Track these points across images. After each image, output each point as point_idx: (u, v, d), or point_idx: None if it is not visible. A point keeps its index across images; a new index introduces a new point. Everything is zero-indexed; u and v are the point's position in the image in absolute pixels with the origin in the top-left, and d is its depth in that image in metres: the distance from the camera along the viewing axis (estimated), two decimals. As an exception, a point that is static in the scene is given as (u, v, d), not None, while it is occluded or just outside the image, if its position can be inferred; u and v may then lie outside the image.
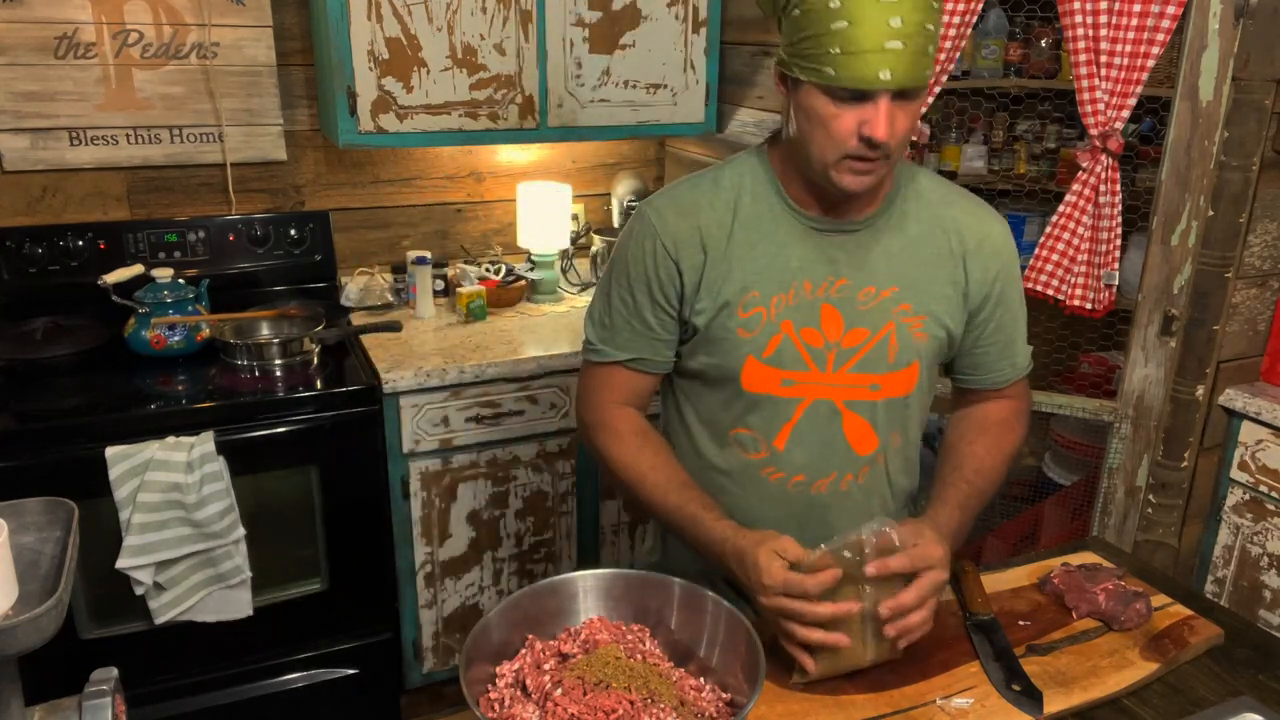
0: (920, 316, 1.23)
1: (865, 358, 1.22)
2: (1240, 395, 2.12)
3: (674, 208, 1.24)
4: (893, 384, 1.24)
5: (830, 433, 1.25)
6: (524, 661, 1.02)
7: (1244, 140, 1.92)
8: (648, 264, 1.23)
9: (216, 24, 2.27)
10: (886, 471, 1.31)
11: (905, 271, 1.23)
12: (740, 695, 0.98)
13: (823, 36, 1.04)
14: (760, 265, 1.21)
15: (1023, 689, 1.07)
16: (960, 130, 2.69)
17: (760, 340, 1.21)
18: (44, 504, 0.91)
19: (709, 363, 1.24)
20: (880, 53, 1.02)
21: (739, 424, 1.26)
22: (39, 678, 0.98)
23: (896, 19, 1.01)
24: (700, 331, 1.24)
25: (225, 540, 1.91)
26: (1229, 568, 2.22)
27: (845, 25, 1.02)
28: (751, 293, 1.21)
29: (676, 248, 1.22)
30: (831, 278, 1.21)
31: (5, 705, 0.83)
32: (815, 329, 1.21)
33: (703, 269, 1.22)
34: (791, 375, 1.22)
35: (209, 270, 2.34)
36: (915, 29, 1.02)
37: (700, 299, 1.22)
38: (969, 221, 1.26)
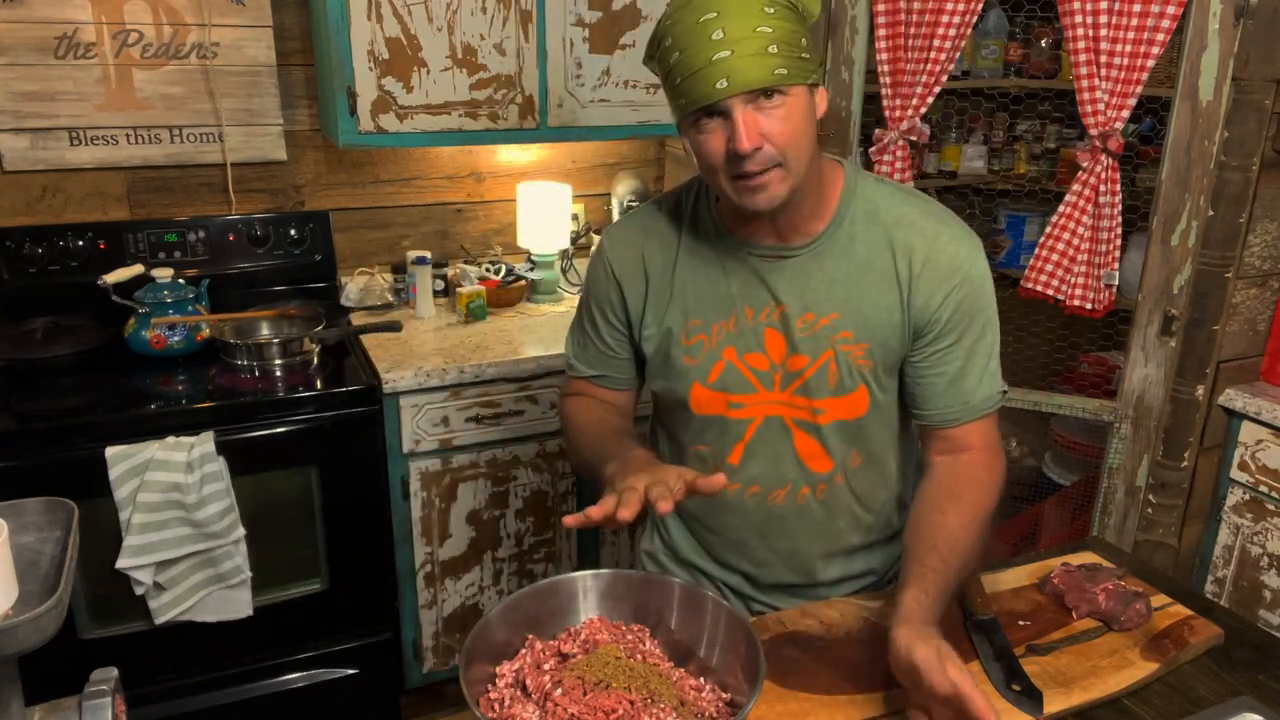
0: (862, 344, 1.20)
1: (807, 383, 1.22)
2: (1240, 395, 2.12)
3: (623, 237, 1.30)
4: (837, 408, 1.22)
5: (782, 448, 1.26)
6: (524, 661, 1.02)
7: (1244, 140, 1.92)
8: (601, 288, 1.31)
9: (216, 24, 2.27)
10: (850, 490, 1.28)
11: (846, 297, 1.19)
12: (740, 695, 0.98)
13: (670, 74, 1.09)
14: (702, 292, 1.24)
15: (1023, 689, 1.07)
16: (960, 130, 2.69)
17: (704, 367, 1.24)
18: (44, 504, 0.91)
19: (663, 386, 1.30)
20: (710, 65, 1.04)
21: (696, 441, 1.30)
22: (39, 678, 0.98)
23: (718, 32, 1.04)
24: (650, 357, 1.29)
25: (225, 540, 1.91)
26: (1229, 568, 2.22)
27: (679, 55, 1.06)
28: (694, 320, 1.24)
29: (621, 275, 1.28)
30: (771, 304, 1.21)
31: (5, 705, 0.83)
32: (760, 353, 1.22)
33: (645, 297, 1.27)
34: (739, 398, 1.24)
35: (209, 270, 2.34)
36: (743, 33, 1.03)
37: (646, 325, 1.27)
38: (923, 245, 1.18)
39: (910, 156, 2.18)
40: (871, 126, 2.19)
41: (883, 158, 2.17)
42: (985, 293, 1.22)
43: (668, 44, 1.08)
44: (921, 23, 2.03)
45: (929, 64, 2.05)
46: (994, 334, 1.25)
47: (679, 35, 1.06)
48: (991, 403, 1.26)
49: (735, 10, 1.04)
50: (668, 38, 1.08)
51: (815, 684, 1.09)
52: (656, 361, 1.29)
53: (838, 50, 2.12)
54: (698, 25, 1.04)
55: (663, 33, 1.09)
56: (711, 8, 1.04)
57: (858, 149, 2.21)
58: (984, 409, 1.25)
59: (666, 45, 1.08)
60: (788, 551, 1.32)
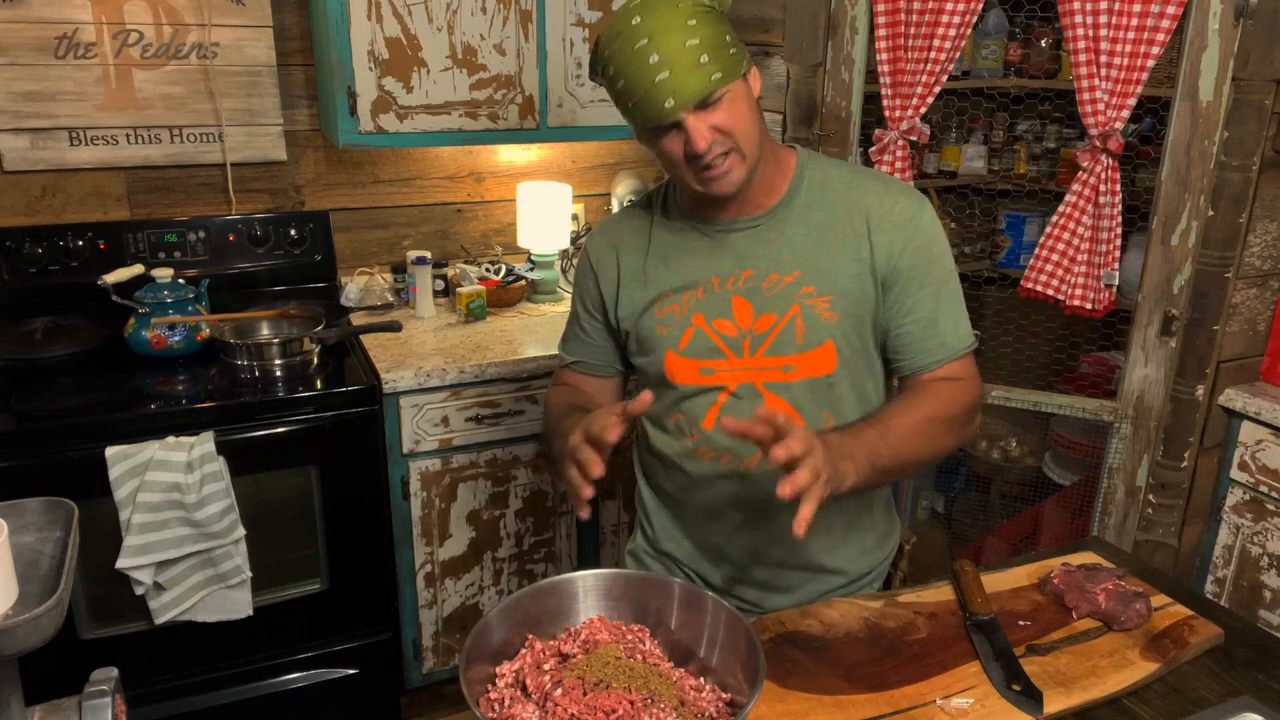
0: (825, 297, 1.28)
1: (775, 340, 1.29)
2: (1240, 395, 2.12)
3: (602, 231, 1.44)
4: (807, 364, 1.29)
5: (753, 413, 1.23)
6: (524, 661, 1.02)
7: (1244, 140, 1.92)
8: (581, 280, 1.44)
9: (216, 24, 2.28)
10: None
11: (808, 256, 1.29)
12: (740, 695, 0.98)
13: (619, 98, 1.20)
14: (673, 270, 1.34)
15: (1023, 689, 1.07)
16: (960, 130, 2.69)
17: (675, 334, 1.32)
18: (44, 504, 0.91)
19: (642, 361, 1.38)
20: (654, 88, 1.15)
21: (675, 411, 1.36)
22: (39, 678, 0.99)
23: (653, 56, 1.14)
24: (629, 335, 1.38)
25: (225, 540, 1.91)
26: (1229, 568, 2.22)
27: (624, 82, 1.17)
28: (665, 292, 1.34)
29: (598, 263, 1.41)
30: (738, 270, 1.30)
31: (5, 705, 0.83)
32: (728, 319, 1.30)
33: (618, 282, 1.38)
34: (709, 364, 1.31)
35: (209, 270, 2.34)
36: (676, 51, 1.13)
37: (621, 306, 1.38)
38: (874, 201, 1.30)
39: (910, 156, 2.18)
40: (871, 126, 2.19)
41: (883, 158, 2.17)
42: (940, 243, 1.31)
43: (610, 72, 1.19)
44: (921, 23, 2.03)
45: (929, 64, 2.05)
46: (957, 284, 1.33)
47: (620, 64, 1.16)
48: (966, 343, 1.33)
49: (662, 32, 1.14)
50: (610, 66, 1.18)
51: (815, 684, 1.09)
52: (634, 339, 1.37)
53: (838, 50, 2.12)
54: (634, 52, 1.14)
55: (604, 62, 1.19)
56: (642, 34, 1.14)
57: (858, 149, 2.21)
58: (960, 349, 1.32)
59: (610, 74, 1.19)
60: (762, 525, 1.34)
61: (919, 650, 1.16)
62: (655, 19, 1.14)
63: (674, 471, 1.40)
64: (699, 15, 1.16)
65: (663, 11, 1.15)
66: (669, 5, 1.15)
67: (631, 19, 1.16)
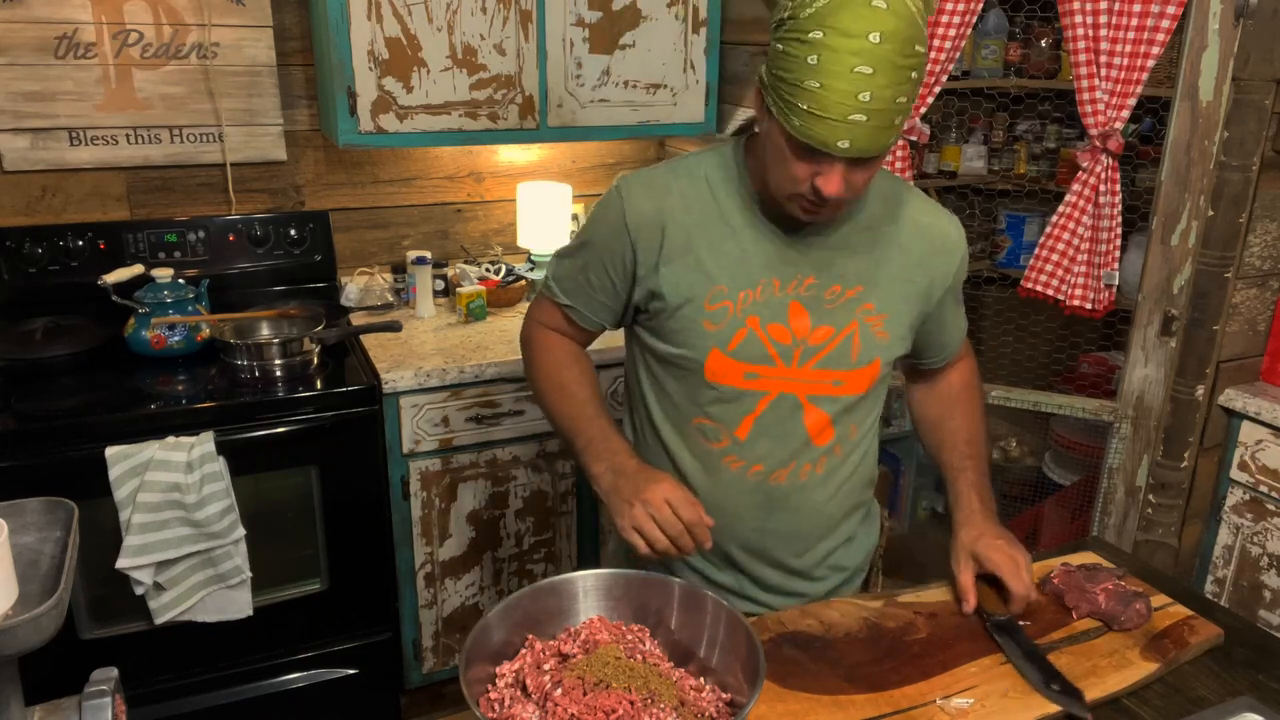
0: (882, 315, 1.27)
1: (830, 355, 1.25)
2: (1240, 395, 2.12)
3: (644, 190, 1.27)
4: (855, 381, 1.28)
5: (791, 425, 1.28)
6: (524, 661, 1.02)
7: (1244, 140, 1.92)
8: (607, 235, 1.28)
9: (216, 24, 2.27)
10: (845, 461, 1.33)
11: (870, 271, 1.26)
12: (740, 695, 0.98)
13: (796, 88, 1.05)
14: (727, 261, 1.24)
15: (1062, 688, 1.08)
16: (960, 130, 2.69)
17: (725, 333, 1.24)
18: (44, 504, 0.91)
19: (674, 352, 1.27)
20: (844, 122, 1.04)
21: (701, 414, 1.29)
22: (39, 678, 0.98)
23: (866, 93, 1.03)
24: (663, 318, 1.26)
25: (225, 540, 1.91)
26: (1229, 568, 2.22)
27: (817, 86, 1.03)
28: (719, 286, 1.23)
29: (637, 228, 1.25)
30: (800, 276, 1.24)
31: (5, 705, 0.83)
32: (783, 325, 1.24)
33: (659, 254, 1.24)
34: (756, 369, 1.25)
35: (209, 270, 2.34)
36: (884, 104, 1.04)
37: (661, 282, 1.25)
38: (930, 222, 1.30)
39: (910, 156, 2.18)
40: (871, 126, 2.18)
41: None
42: (967, 261, 1.38)
43: (812, 63, 1.03)
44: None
45: (929, 64, 2.05)
46: None
47: (826, 63, 1.02)
48: (966, 326, 1.45)
49: (887, 74, 1.02)
50: (816, 54, 1.03)
51: (815, 684, 1.09)
52: (673, 324, 1.26)
53: (838, 50, 2.12)
54: (850, 74, 1.02)
55: (810, 28, 1.03)
56: (868, 60, 1.02)
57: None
58: (966, 329, 1.46)
59: (810, 64, 1.03)
60: (784, 533, 1.33)
61: (919, 650, 1.16)
62: (891, 51, 1.02)
63: (688, 477, 1.32)
64: (918, 65, 1.06)
65: (900, 46, 1.02)
66: (908, 40, 1.03)
67: (871, 30, 1.01)
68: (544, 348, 1.39)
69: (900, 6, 1.03)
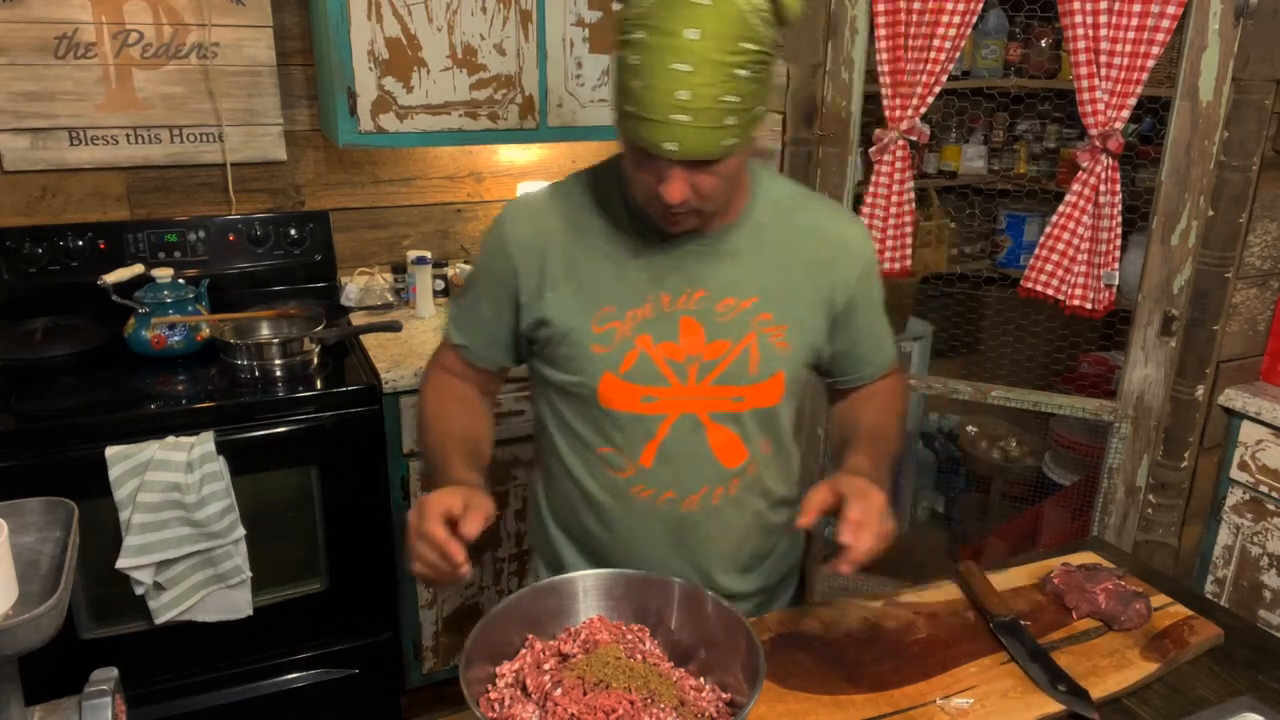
0: (781, 326, 1.21)
1: (727, 370, 1.20)
2: (1240, 395, 2.12)
3: (524, 212, 1.25)
4: (757, 395, 1.22)
5: (696, 447, 1.22)
6: (524, 661, 1.02)
7: (1244, 140, 1.92)
8: (492, 263, 1.25)
9: (216, 24, 2.27)
10: (761, 481, 1.28)
11: (765, 281, 1.21)
12: (740, 695, 0.98)
13: (624, 91, 1.03)
14: (613, 280, 1.19)
15: (1068, 688, 1.08)
16: (960, 130, 2.69)
17: (616, 356, 1.19)
18: (44, 504, 0.91)
19: (567, 380, 1.23)
20: (665, 123, 1.00)
21: (603, 442, 1.24)
22: (39, 678, 0.98)
23: (684, 91, 0.98)
24: (552, 345, 1.22)
25: (225, 540, 1.91)
26: (1229, 568, 2.22)
27: (640, 86, 1.00)
28: (606, 307, 1.19)
29: (518, 251, 1.22)
30: (689, 290, 1.19)
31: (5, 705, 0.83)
32: (674, 342, 1.19)
33: (541, 279, 1.21)
34: (652, 391, 1.20)
35: (209, 270, 2.34)
36: (708, 102, 0.99)
37: (544, 308, 1.21)
38: (828, 227, 1.26)
39: (910, 156, 2.18)
40: (871, 126, 2.19)
41: (883, 158, 2.17)
42: (877, 264, 1.32)
43: (634, 62, 1.01)
44: (921, 23, 2.03)
45: (929, 64, 2.05)
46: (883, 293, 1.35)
47: (646, 62, 0.99)
48: (895, 348, 1.39)
49: (708, 71, 0.98)
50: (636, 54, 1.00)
51: (815, 684, 1.09)
52: (562, 351, 1.22)
53: (838, 50, 2.12)
54: (668, 70, 0.98)
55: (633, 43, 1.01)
56: (686, 59, 0.98)
57: (858, 149, 2.21)
58: (894, 356, 1.39)
59: (633, 64, 1.01)
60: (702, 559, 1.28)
61: (919, 650, 1.16)
62: (711, 48, 0.98)
63: (598, 508, 1.27)
64: (753, 66, 1.01)
65: (722, 42, 0.98)
66: (731, 38, 0.99)
67: (688, 27, 0.98)
68: (431, 388, 1.34)
69: (724, 4, 0.99)
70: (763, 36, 1.01)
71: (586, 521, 1.29)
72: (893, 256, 2.23)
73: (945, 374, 2.73)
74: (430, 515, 1.04)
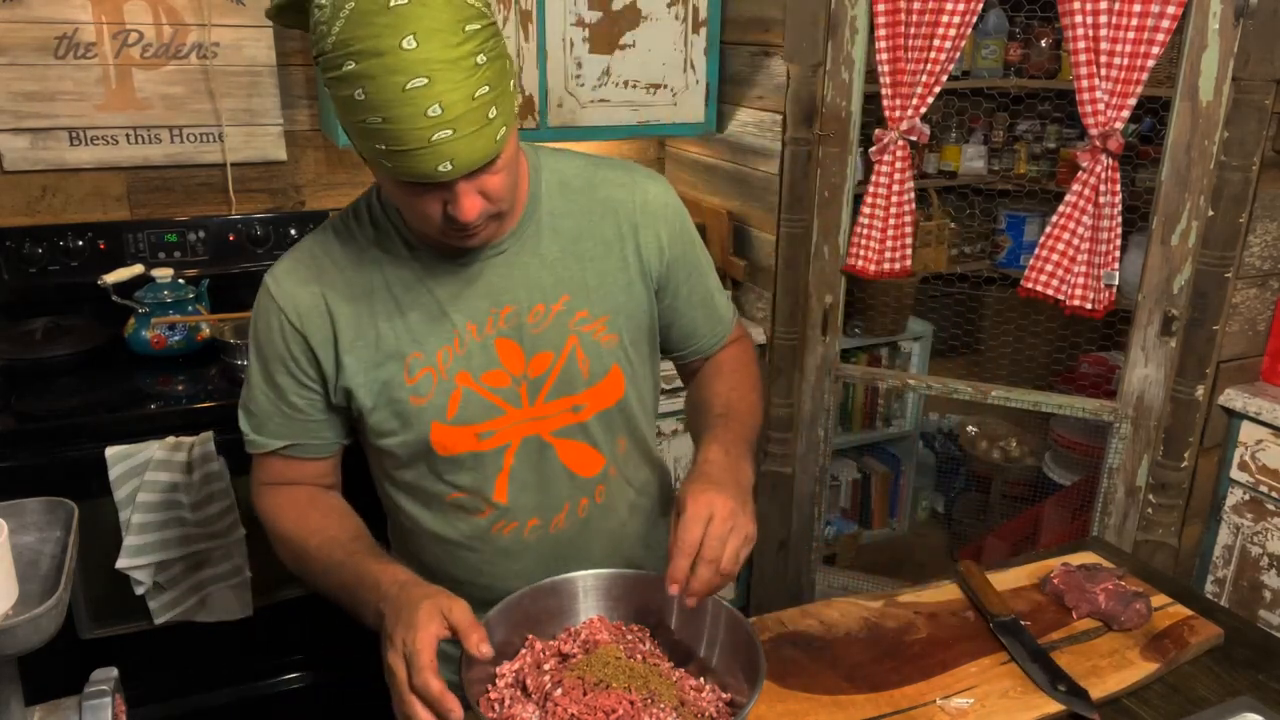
0: (602, 319, 1.13)
1: (557, 382, 1.12)
2: (1240, 395, 2.12)
3: (293, 276, 1.09)
4: (597, 398, 1.15)
5: (548, 467, 1.16)
6: (524, 661, 1.02)
7: (1244, 140, 1.92)
8: (277, 343, 1.10)
9: (216, 24, 2.27)
10: (624, 478, 1.24)
11: (571, 275, 1.12)
12: (740, 695, 0.98)
13: (363, 130, 0.90)
14: (412, 322, 1.08)
15: (1068, 689, 1.08)
16: (960, 130, 2.70)
17: (438, 402, 1.09)
18: (44, 504, 0.91)
19: (394, 441, 1.12)
20: (430, 147, 0.89)
21: (450, 490, 1.15)
22: (39, 678, 0.99)
23: (435, 106, 0.86)
24: (368, 409, 1.11)
25: (225, 540, 1.91)
26: (1229, 568, 2.22)
27: (380, 121, 0.88)
28: (413, 354, 1.08)
29: (301, 320, 1.08)
30: (494, 309, 1.09)
31: (5, 705, 0.83)
32: (498, 369, 1.10)
33: (335, 342, 1.08)
34: (487, 425, 1.11)
35: (209, 270, 2.34)
36: (463, 106, 0.88)
37: (349, 375, 1.09)
38: (624, 195, 1.16)
39: (910, 156, 2.18)
40: (871, 126, 2.19)
41: (883, 158, 2.17)
42: (688, 218, 1.23)
43: (359, 97, 0.87)
44: (921, 23, 2.03)
45: (929, 64, 2.05)
46: (706, 251, 1.27)
47: (374, 93, 0.86)
48: (733, 309, 1.32)
49: (446, 72, 0.86)
50: (360, 86, 0.86)
51: (815, 684, 1.09)
52: (381, 414, 1.11)
53: (838, 50, 2.12)
54: (404, 93, 0.86)
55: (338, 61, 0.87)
56: (417, 70, 0.85)
57: (858, 149, 2.21)
58: (732, 319, 1.31)
59: (360, 100, 0.87)
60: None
61: (919, 650, 1.16)
62: (436, 48, 0.85)
63: (462, 553, 1.19)
64: (484, 41, 0.89)
65: (445, 36, 0.86)
66: (452, 26, 0.86)
67: (401, 37, 0.85)
68: (276, 510, 1.18)
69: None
70: (480, 9, 0.90)
71: (458, 573, 1.21)
72: (893, 256, 2.23)
73: (945, 374, 2.73)
74: (425, 665, 0.90)
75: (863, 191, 2.24)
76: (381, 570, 1.03)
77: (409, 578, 1.02)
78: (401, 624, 0.93)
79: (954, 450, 3.06)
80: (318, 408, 1.14)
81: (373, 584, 1.02)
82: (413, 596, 0.96)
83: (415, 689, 0.90)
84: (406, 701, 0.91)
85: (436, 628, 0.92)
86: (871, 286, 2.75)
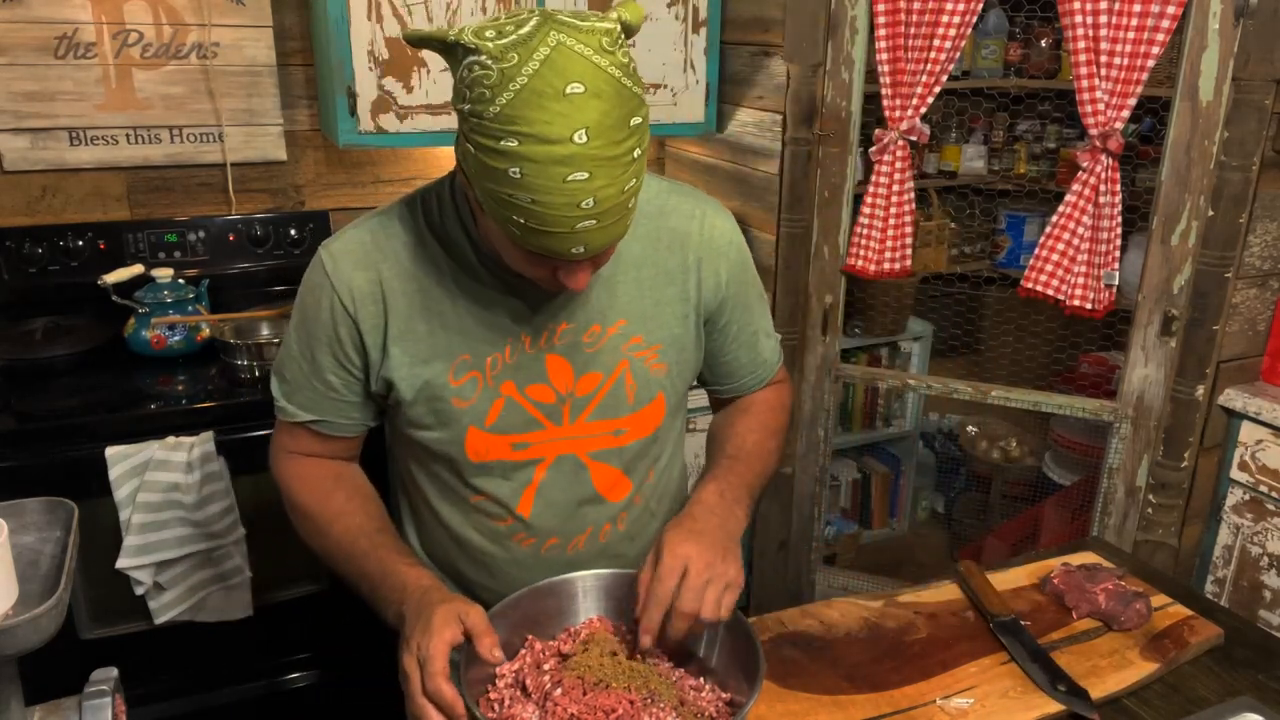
0: (654, 347, 1.13)
1: (603, 404, 1.12)
2: (1240, 395, 2.12)
3: (351, 256, 1.07)
4: (638, 425, 1.15)
5: (578, 489, 1.15)
6: (524, 661, 1.02)
7: (1244, 140, 1.92)
8: (324, 320, 1.08)
9: (216, 24, 2.27)
10: (649, 509, 1.23)
11: (630, 302, 1.11)
12: (740, 695, 0.98)
13: (505, 198, 0.88)
14: (467, 323, 1.07)
15: (1068, 689, 1.08)
16: (960, 130, 2.70)
17: (480, 408, 1.08)
18: (44, 504, 0.91)
19: (428, 436, 1.11)
20: (571, 233, 0.88)
21: (475, 493, 1.15)
22: (39, 678, 0.98)
23: (589, 199, 0.86)
24: (407, 403, 1.09)
25: (225, 540, 1.91)
26: (1229, 568, 2.22)
27: (530, 201, 0.86)
28: (461, 356, 1.07)
29: (355, 303, 1.07)
30: (551, 325, 1.08)
31: (5, 705, 0.83)
32: (544, 384, 1.09)
33: (385, 330, 1.07)
34: (524, 437, 1.10)
35: (209, 270, 2.34)
36: (614, 201, 0.88)
37: (394, 366, 1.08)
38: (692, 227, 1.14)
39: (910, 156, 2.18)
40: (871, 126, 2.19)
41: (883, 158, 2.17)
42: (749, 257, 1.22)
43: (514, 175, 0.86)
44: (921, 23, 2.03)
45: (929, 64, 2.05)
46: (763, 290, 1.26)
47: (532, 178, 0.85)
48: (779, 354, 1.30)
49: (607, 171, 0.86)
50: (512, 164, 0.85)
51: (815, 684, 1.09)
52: (420, 409, 1.10)
53: (838, 50, 2.12)
54: (564, 184, 0.85)
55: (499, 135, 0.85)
56: (582, 165, 0.85)
57: (858, 149, 2.21)
58: (776, 362, 1.29)
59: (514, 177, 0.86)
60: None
61: (919, 650, 1.16)
62: (603, 146, 0.85)
63: (478, 557, 1.19)
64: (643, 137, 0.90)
65: (612, 132, 0.86)
66: (619, 123, 0.86)
67: (574, 130, 0.84)
68: (299, 482, 1.19)
69: (601, 82, 0.85)
70: (639, 94, 0.89)
71: (465, 569, 1.21)
72: (893, 257, 2.23)
73: (945, 374, 2.74)
74: (438, 671, 0.92)
75: (863, 191, 2.24)
76: (408, 571, 1.06)
77: (432, 583, 1.04)
78: (419, 628, 0.97)
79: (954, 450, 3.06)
80: (354, 390, 1.13)
81: (398, 585, 1.05)
82: (432, 601, 0.99)
83: (428, 694, 0.93)
84: (419, 705, 0.94)
85: (451, 633, 0.95)
86: (871, 286, 2.75)
